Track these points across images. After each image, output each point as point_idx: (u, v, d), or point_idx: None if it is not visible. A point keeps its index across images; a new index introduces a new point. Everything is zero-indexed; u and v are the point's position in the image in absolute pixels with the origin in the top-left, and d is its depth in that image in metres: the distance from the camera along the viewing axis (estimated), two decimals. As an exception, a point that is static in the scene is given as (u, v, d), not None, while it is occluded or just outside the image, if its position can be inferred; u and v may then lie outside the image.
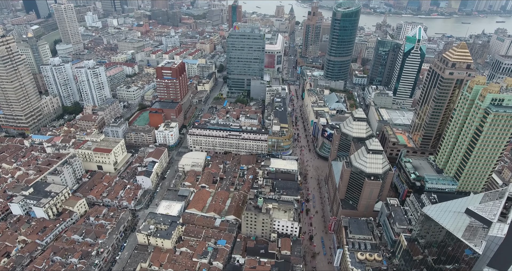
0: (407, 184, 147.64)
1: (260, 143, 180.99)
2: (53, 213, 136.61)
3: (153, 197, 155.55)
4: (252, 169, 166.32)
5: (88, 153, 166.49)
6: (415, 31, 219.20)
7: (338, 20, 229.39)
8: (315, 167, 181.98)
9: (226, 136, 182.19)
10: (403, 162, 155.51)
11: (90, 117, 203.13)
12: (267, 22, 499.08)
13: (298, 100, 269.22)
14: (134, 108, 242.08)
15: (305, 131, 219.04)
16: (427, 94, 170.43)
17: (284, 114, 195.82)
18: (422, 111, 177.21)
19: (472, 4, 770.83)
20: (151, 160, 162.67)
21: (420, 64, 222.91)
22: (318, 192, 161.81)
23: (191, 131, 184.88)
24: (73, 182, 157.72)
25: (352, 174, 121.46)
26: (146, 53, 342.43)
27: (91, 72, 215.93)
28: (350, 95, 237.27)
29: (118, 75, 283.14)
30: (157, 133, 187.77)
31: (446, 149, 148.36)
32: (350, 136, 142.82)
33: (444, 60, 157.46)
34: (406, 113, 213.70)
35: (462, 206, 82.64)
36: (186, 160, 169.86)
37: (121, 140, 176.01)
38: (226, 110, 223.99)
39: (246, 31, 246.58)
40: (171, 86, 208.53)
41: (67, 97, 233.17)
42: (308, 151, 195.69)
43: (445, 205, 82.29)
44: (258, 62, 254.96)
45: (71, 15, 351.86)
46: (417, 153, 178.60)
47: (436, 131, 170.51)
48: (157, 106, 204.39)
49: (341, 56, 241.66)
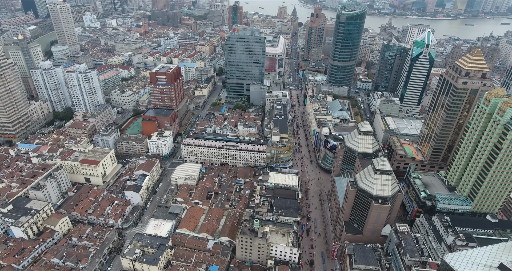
0: (416, 202, 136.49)
1: (259, 154, 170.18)
2: (33, 232, 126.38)
3: (142, 213, 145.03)
4: (249, 183, 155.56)
5: (75, 164, 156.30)
6: (424, 35, 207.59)
7: (342, 23, 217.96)
8: (317, 180, 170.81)
9: (222, 146, 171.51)
10: (412, 178, 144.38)
11: (80, 124, 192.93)
12: (269, 23, 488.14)
13: (299, 106, 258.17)
14: (128, 114, 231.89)
15: (307, 140, 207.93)
16: (437, 103, 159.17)
17: (284, 123, 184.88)
18: (431, 121, 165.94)
19: (479, 5, 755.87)
20: (141, 173, 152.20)
21: (429, 70, 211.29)
22: (320, 210, 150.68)
23: (185, 141, 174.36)
24: (58, 197, 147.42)
25: (358, 195, 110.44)
26: (143, 55, 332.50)
27: (83, 76, 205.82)
28: (355, 102, 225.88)
29: (113, 78, 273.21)
30: (149, 143, 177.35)
31: (459, 165, 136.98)
32: (356, 151, 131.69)
33: (457, 69, 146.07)
34: (414, 122, 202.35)
35: (494, 256, 69.62)
36: (179, 173, 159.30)
37: (111, 150, 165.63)
38: (224, 117, 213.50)
39: (246, 34, 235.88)
40: (165, 92, 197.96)
41: (58, 103, 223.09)
42: (309, 162, 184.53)
43: (472, 254, 69.42)
44: (258, 66, 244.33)
45: (67, 16, 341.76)
46: (426, 167, 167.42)
47: (447, 144, 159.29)
48: (151, 114, 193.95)
49: (345, 61, 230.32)
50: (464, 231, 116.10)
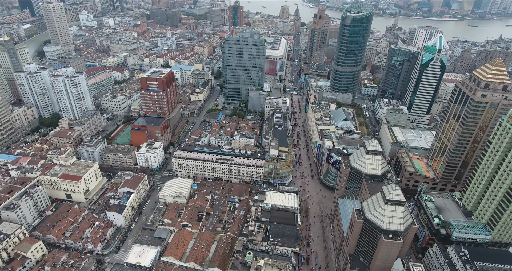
0: (429, 229, 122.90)
1: (256, 169, 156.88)
2: (2, 260, 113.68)
3: (125, 236, 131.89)
4: (244, 202, 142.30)
5: (55, 180, 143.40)
6: (435, 40, 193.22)
7: (347, 26, 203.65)
8: (319, 198, 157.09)
9: (216, 160, 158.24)
10: (424, 201, 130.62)
11: (65, 133, 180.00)
12: (271, 23, 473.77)
13: (301, 112, 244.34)
14: (119, 120, 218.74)
15: (308, 152, 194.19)
16: (450, 115, 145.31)
17: (284, 135, 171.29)
18: (443, 134, 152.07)
19: (486, 6, 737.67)
20: (126, 190, 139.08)
21: (440, 77, 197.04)
22: (321, 233, 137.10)
23: (176, 153, 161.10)
24: (34, 216, 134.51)
25: (365, 227, 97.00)
26: (139, 56, 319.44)
27: (69, 81, 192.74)
28: (360, 111, 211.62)
29: (105, 81, 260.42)
30: (137, 155, 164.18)
31: (476, 188, 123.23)
32: (362, 173, 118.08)
33: (475, 79, 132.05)
34: (423, 134, 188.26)
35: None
36: (169, 190, 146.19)
37: (95, 164, 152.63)
38: (220, 125, 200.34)
39: (245, 37, 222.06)
40: (157, 99, 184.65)
41: (44, 108, 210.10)
42: (310, 177, 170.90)
43: None
44: (257, 71, 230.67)
45: (61, 15, 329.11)
46: (438, 185, 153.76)
47: (462, 160, 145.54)
48: (141, 122, 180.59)
49: (350, 66, 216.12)
50: (484, 266, 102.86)
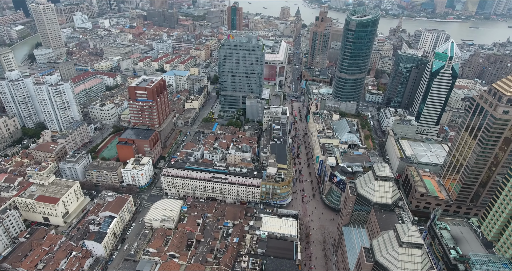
0: (445, 263, 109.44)
1: (252, 189, 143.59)
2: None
3: (105, 268, 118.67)
4: (239, 227, 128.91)
5: (30, 202, 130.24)
6: (446, 46, 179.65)
7: (351, 30, 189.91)
8: (320, 221, 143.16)
9: (209, 178, 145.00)
10: (438, 229, 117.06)
11: (48, 146, 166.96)
12: (271, 25, 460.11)
13: (302, 122, 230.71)
14: (108, 130, 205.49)
15: (309, 166, 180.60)
16: (466, 131, 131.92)
17: (283, 150, 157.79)
18: (458, 151, 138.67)
19: (490, 6, 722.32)
20: (108, 214, 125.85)
21: (451, 86, 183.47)
22: (324, 264, 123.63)
23: (165, 171, 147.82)
24: (6, 244, 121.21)
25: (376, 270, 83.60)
26: (132, 60, 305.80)
27: (53, 90, 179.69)
28: (365, 122, 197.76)
29: (95, 88, 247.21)
30: (123, 173, 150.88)
31: (498, 216, 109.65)
32: (371, 201, 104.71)
33: (495, 93, 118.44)
34: (433, 147, 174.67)
35: None
36: (155, 213, 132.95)
37: (75, 183, 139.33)
38: (215, 137, 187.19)
39: (242, 41, 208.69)
40: (146, 110, 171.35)
41: (28, 118, 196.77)
42: (312, 196, 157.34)
43: None
44: (255, 77, 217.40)
45: (51, 17, 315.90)
46: (452, 207, 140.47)
47: (479, 181, 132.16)
48: (128, 135, 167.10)
49: (354, 74, 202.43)
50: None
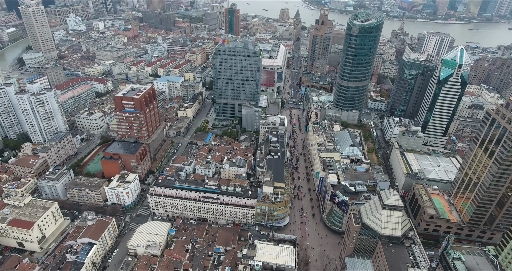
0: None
1: (246, 210, 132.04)
2: None
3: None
4: (231, 253, 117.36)
5: (2, 226, 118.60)
6: (455, 53, 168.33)
7: (354, 36, 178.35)
8: (321, 246, 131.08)
9: (199, 198, 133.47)
10: (451, 259, 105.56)
11: (27, 161, 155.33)
12: (270, 27, 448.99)
13: (301, 132, 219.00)
14: (95, 141, 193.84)
15: (309, 182, 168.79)
16: (480, 147, 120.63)
17: (280, 166, 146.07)
18: (470, 169, 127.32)
19: (493, 8, 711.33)
20: (86, 241, 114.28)
21: (461, 95, 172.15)
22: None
23: (152, 190, 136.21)
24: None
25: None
26: (125, 65, 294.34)
27: (35, 99, 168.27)
28: (368, 134, 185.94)
29: (85, 94, 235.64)
30: (107, 191, 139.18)
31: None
32: (377, 233, 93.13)
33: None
34: (441, 161, 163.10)
35: None
36: (140, 237, 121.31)
37: (54, 204, 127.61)
38: (209, 148, 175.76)
39: (238, 47, 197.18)
40: (134, 121, 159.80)
41: (10, 128, 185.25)
42: (311, 216, 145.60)
43: None
44: (252, 84, 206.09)
45: (41, 19, 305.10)
46: (464, 231, 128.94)
47: (495, 202, 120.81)
48: (114, 149, 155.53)
49: (356, 81, 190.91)
50: None
